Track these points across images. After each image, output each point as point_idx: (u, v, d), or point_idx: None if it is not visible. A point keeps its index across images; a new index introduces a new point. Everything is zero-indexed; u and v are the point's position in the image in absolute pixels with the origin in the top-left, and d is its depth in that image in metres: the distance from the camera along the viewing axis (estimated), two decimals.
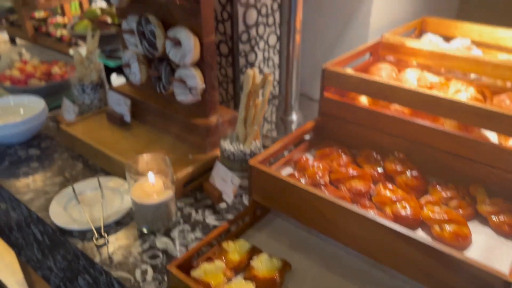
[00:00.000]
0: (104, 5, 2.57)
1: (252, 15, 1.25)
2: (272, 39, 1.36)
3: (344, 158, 0.96)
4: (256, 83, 0.99)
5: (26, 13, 2.12)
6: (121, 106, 1.22)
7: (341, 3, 1.27)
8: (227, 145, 0.99)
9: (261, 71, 1.37)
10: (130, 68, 1.13)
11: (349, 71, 0.98)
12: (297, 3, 1.13)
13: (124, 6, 1.05)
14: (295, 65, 1.23)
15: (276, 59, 1.41)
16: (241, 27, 1.24)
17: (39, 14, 2.33)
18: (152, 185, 0.87)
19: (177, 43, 0.98)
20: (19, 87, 1.45)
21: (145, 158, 0.91)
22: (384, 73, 1.12)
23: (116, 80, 1.66)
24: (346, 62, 1.06)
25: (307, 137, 1.06)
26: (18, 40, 2.38)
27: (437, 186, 0.88)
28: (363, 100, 1.03)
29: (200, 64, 1.02)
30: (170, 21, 1.04)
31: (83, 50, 1.82)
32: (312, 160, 0.96)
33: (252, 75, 0.97)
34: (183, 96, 1.06)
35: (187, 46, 0.97)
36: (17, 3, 2.08)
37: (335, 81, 0.99)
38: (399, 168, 0.91)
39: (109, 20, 1.70)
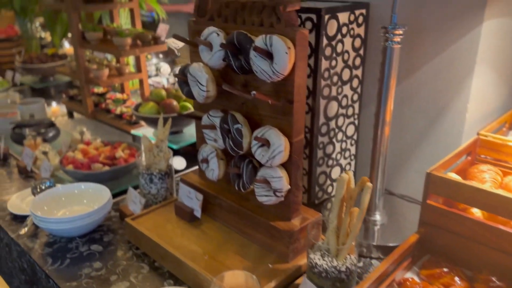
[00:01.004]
0: (163, 76, 2.62)
1: (333, 107, 1.18)
2: (350, 130, 1.28)
3: (459, 283, 0.82)
4: (351, 187, 0.88)
5: (87, 89, 2.15)
6: (192, 200, 1.14)
7: (434, 95, 1.18)
8: (318, 259, 0.87)
9: (337, 163, 1.27)
10: (209, 164, 1.06)
11: (458, 178, 0.87)
12: (388, 93, 1.05)
13: (209, 102, 1.00)
14: (381, 160, 1.12)
15: (353, 149, 1.31)
16: (321, 120, 1.16)
17: (98, 89, 2.37)
18: None
19: (265, 143, 0.90)
20: (82, 171, 1.41)
21: (232, 276, 0.80)
22: (487, 176, 1.00)
23: (178, 163, 1.61)
24: (449, 165, 0.95)
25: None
26: (75, 114, 2.42)
27: None
28: (477, 210, 0.90)
29: (286, 163, 0.93)
30: (255, 117, 0.97)
31: (146, 131, 1.80)
32: (420, 284, 0.82)
33: (347, 180, 0.87)
34: (265, 198, 0.96)
35: (277, 147, 0.89)
36: (81, 80, 2.13)
37: (442, 189, 0.87)
38: None
39: (174, 103, 1.68)
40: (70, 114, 2.44)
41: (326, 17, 1.05)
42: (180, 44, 3.25)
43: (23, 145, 1.80)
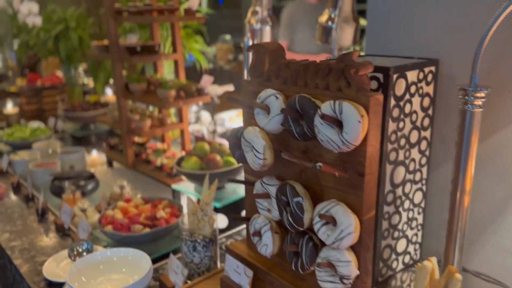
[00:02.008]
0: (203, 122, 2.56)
1: (400, 172, 1.06)
2: (418, 197, 1.14)
3: None
4: (435, 279, 0.74)
5: (129, 140, 2.12)
6: (240, 276, 1.02)
7: None
8: None
9: (404, 234, 1.13)
10: (261, 238, 0.94)
11: None
12: (468, 159, 0.92)
13: (265, 169, 0.90)
14: (459, 236, 0.97)
15: (420, 219, 1.17)
16: (387, 187, 1.04)
17: (139, 138, 2.34)
18: None
19: (331, 221, 0.79)
20: (121, 234, 1.32)
21: None
22: None
23: (220, 221, 1.50)
24: None
25: None
26: (115, 163, 2.38)
27: None
28: None
29: (354, 244, 0.81)
30: (316, 188, 0.86)
31: (187, 186, 1.72)
32: None
33: (430, 270, 0.73)
34: (330, 285, 0.83)
35: (346, 227, 0.77)
36: (122, 130, 2.10)
37: None
38: None
39: (218, 158, 1.59)
40: (110, 163, 2.40)
41: (395, 76, 0.95)
42: (220, 91, 3.24)
43: (61, 198, 1.76)
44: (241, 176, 1.72)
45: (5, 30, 3.83)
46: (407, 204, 1.11)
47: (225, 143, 2.06)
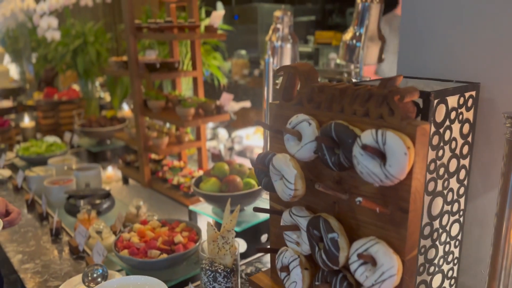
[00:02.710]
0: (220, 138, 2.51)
1: (438, 203, 0.98)
2: (455, 229, 1.06)
3: None
4: None
5: (146, 158, 2.07)
6: None
7: None
8: None
9: (439, 269, 1.05)
10: (290, 274, 0.88)
11: None
12: None
13: (295, 200, 0.84)
14: (504, 274, 0.90)
15: (456, 252, 1.09)
16: (424, 220, 0.96)
17: (155, 155, 2.30)
18: None
19: (370, 260, 0.72)
20: (138, 259, 1.26)
21: None
22: None
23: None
24: None
25: None
26: (130, 180, 2.34)
27: None
28: None
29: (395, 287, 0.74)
30: (350, 222, 0.80)
31: (205, 208, 1.66)
32: None
33: None
34: None
35: (387, 270, 0.70)
36: (139, 148, 2.06)
37: None
38: None
39: (238, 180, 1.54)
40: (126, 180, 2.36)
41: (435, 101, 0.89)
42: (237, 107, 3.20)
43: (76, 218, 1.71)
44: (262, 199, 1.65)
45: (24, 44, 3.86)
46: (444, 237, 1.04)
47: (246, 163, 2.00)
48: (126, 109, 3.11)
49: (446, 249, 1.06)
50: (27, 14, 3.88)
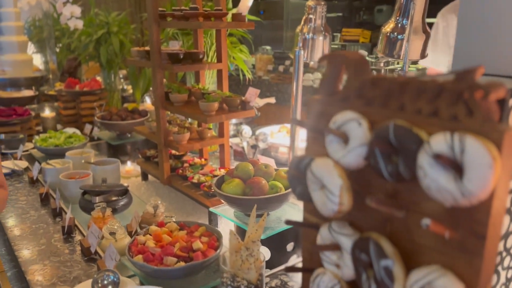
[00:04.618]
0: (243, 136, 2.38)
1: (504, 223, 0.83)
2: None
3: None
4: None
5: (166, 154, 1.96)
6: None
7: None
8: None
9: None
10: None
11: None
12: None
13: (339, 216, 0.70)
14: None
15: None
16: None
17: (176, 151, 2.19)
18: None
19: None
20: (153, 267, 1.15)
21: None
22: None
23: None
24: None
25: None
26: (149, 177, 2.24)
27: None
28: None
29: None
30: (406, 244, 0.66)
31: (226, 210, 1.53)
32: None
33: None
34: None
35: None
36: (160, 143, 1.95)
37: None
38: None
39: (263, 182, 1.40)
40: (145, 176, 2.26)
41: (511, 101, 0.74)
42: (261, 103, 3.06)
43: (90, 215, 1.62)
44: (290, 204, 1.52)
45: (48, 33, 3.82)
46: (507, 261, 0.88)
47: (271, 163, 1.87)
48: (148, 102, 3.02)
49: (509, 275, 0.90)
50: (52, 3, 3.82)
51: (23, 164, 2.23)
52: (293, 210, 1.51)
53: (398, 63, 5.29)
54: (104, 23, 3.14)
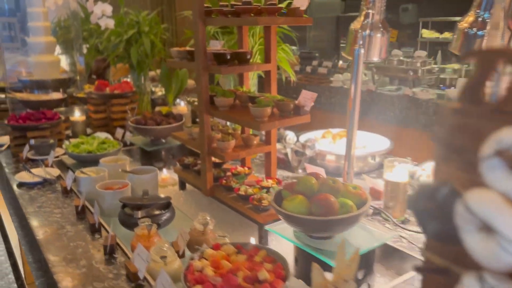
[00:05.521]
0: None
1: None
2: None
3: None
4: None
5: (209, 162, 1.81)
6: None
7: None
8: None
9: None
10: None
11: None
12: None
13: None
14: None
15: None
16: None
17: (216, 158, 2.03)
18: None
19: None
20: None
21: None
22: None
23: None
24: None
25: None
26: (187, 185, 2.09)
27: None
28: None
29: None
30: None
31: (285, 229, 1.36)
32: None
33: None
34: None
35: None
36: (203, 152, 1.79)
37: None
38: None
39: (332, 199, 1.23)
40: (182, 185, 2.11)
41: None
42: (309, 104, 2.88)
43: (131, 229, 1.47)
44: (362, 225, 1.34)
45: (76, 33, 3.71)
46: None
47: (321, 173, 1.70)
48: (182, 105, 2.87)
49: None
50: (80, 2, 3.72)
51: (55, 172, 2.10)
52: (363, 232, 1.34)
53: (435, 63, 5.05)
54: (135, 22, 3.01)
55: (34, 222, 1.58)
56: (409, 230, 1.51)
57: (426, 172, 1.66)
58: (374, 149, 2.14)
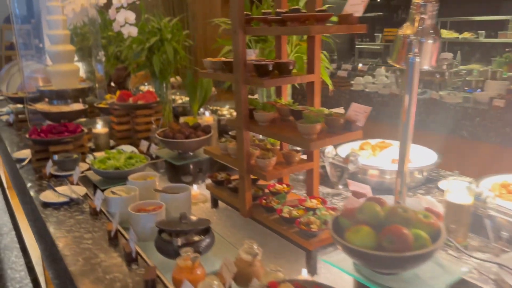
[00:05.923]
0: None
1: None
2: None
3: None
4: None
5: (248, 181, 1.68)
6: None
7: None
8: None
9: None
10: None
11: None
12: None
13: None
14: None
15: None
16: None
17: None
18: None
19: None
20: None
21: None
22: None
23: None
24: None
25: None
26: (220, 203, 1.96)
27: None
28: None
29: None
30: None
31: (342, 260, 1.23)
32: None
33: None
34: None
35: None
36: (242, 170, 1.66)
37: None
38: None
39: (406, 231, 1.09)
40: (215, 203, 1.99)
41: None
42: (362, 119, 2.74)
43: (170, 257, 1.36)
44: (436, 262, 1.20)
45: (94, 41, 3.62)
46: None
47: (367, 191, 1.55)
48: (207, 115, 2.75)
49: None
50: (98, 9, 3.63)
51: (81, 190, 1.99)
52: (432, 264, 1.20)
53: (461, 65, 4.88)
54: (157, 29, 2.89)
55: (65, 251, 1.47)
56: (479, 259, 1.36)
57: (493, 193, 1.52)
58: (421, 163, 1.99)
